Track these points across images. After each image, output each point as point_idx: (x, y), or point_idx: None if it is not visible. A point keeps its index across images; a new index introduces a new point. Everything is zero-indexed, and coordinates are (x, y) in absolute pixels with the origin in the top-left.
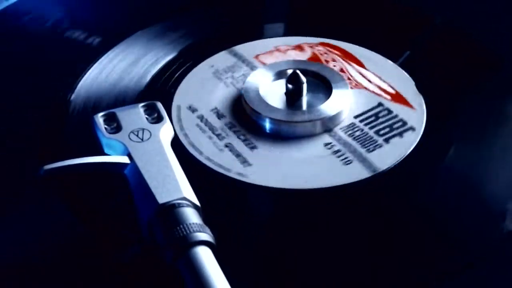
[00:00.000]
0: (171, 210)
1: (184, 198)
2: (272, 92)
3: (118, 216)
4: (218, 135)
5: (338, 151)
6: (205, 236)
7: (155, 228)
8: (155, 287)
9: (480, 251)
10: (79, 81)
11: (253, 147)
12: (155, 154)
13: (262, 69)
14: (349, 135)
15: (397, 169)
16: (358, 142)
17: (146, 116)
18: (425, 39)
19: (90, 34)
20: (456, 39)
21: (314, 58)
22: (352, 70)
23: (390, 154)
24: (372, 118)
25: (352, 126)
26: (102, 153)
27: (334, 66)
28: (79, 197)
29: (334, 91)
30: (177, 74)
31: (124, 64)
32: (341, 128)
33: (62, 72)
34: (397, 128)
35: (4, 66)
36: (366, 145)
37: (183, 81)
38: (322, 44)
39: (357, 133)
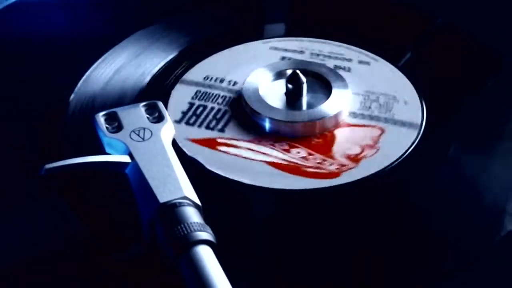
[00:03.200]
0: (172, 209)
1: (185, 197)
2: (272, 92)
3: (118, 216)
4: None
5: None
6: (206, 235)
7: (156, 227)
8: (155, 287)
9: (480, 251)
10: (79, 81)
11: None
12: (156, 154)
13: (262, 69)
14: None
15: (397, 169)
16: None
17: (147, 115)
18: (426, 40)
19: (90, 34)
20: (457, 40)
21: None
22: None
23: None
24: None
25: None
26: (103, 152)
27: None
28: (79, 197)
29: (334, 91)
30: (176, 74)
31: (124, 64)
32: None
33: (62, 72)
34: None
35: (4, 66)
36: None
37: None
38: None
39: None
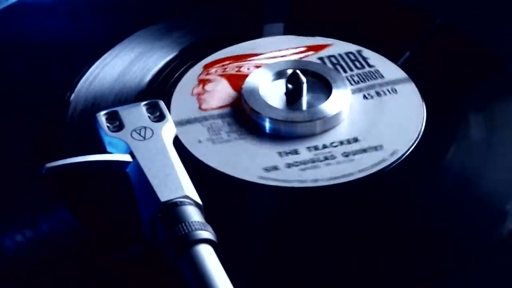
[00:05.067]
0: (173, 208)
1: (186, 196)
2: (272, 92)
3: (119, 216)
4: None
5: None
6: (207, 234)
7: (157, 226)
8: (155, 287)
9: (480, 250)
10: (79, 81)
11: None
12: (157, 153)
13: (262, 69)
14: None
15: (397, 169)
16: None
17: (148, 114)
18: (425, 39)
19: (91, 34)
20: (456, 39)
21: (230, 78)
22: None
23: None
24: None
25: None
26: (104, 151)
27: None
28: (80, 196)
29: (334, 91)
30: (177, 74)
31: (124, 64)
32: None
33: (62, 72)
34: (356, 58)
35: (4, 66)
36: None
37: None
38: (208, 66)
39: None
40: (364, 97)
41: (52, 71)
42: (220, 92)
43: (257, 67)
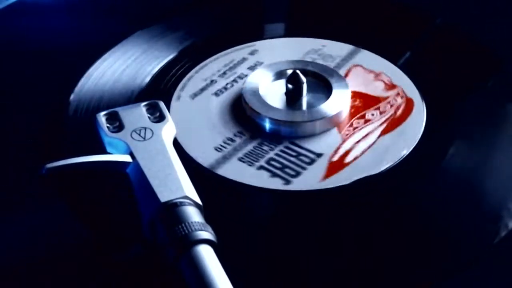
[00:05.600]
0: (173, 208)
1: (186, 197)
2: (272, 92)
3: (119, 216)
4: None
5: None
6: (207, 234)
7: (157, 227)
8: (155, 287)
9: (480, 251)
10: (79, 81)
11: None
12: (157, 153)
13: (262, 69)
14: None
15: (397, 169)
16: None
17: (148, 115)
18: (425, 40)
19: (90, 34)
20: (456, 39)
21: None
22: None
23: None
24: None
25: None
26: (104, 152)
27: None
28: (80, 196)
29: (334, 91)
30: (177, 74)
31: (124, 64)
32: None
33: (62, 72)
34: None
35: (4, 66)
36: None
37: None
38: None
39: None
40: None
41: (52, 71)
42: None
43: None
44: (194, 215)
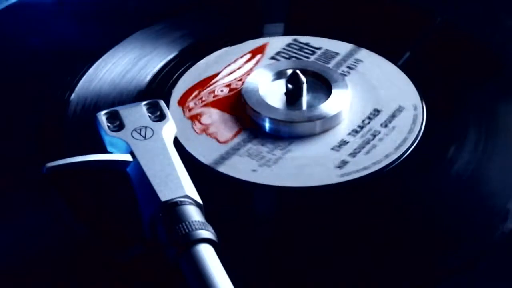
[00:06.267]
0: (174, 208)
1: (187, 196)
2: (272, 92)
3: (119, 216)
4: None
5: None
6: (207, 234)
7: (157, 226)
8: (156, 287)
9: (480, 250)
10: (79, 81)
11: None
12: (157, 152)
13: (261, 69)
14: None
15: (397, 169)
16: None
17: (149, 114)
18: (425, 40)
19: (91, 34)
20: (457, 39)
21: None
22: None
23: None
24: None
25: None
26: (104, 151)
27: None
28: (80, 196)
29: (334, 91)
30: (177, 74)
31: (124, 64)
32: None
33: (62, 72)
34: None
35: (4, 66)
36: None
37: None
38: (182, 101)
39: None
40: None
41: (52, 71)
42: (221, 122)
43: (228, 86)
44: (194, 214)
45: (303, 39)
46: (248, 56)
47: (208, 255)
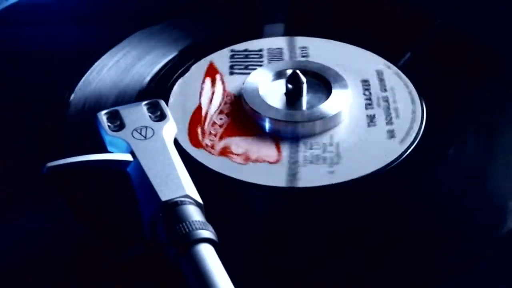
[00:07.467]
0: (174, 207)
1: (187, 196)
2: (272, 92)
3: (120, 215)
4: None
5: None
6: (208, 233)
7: (157, 226)
8: (156, 287)
9: (480, 250)
10: (79, 81)
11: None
12: (158, 152)
13: (262, 69)
14: None
15: (397, 169)
16: None
17: (149, 114)
18: (425, 40)
19: (91, 34)
20: (457, 40)
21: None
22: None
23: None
24: None
25: None
26: (105, 151)
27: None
28: (81, 195)
29: (334, 91)
30: (177, 74)
31: (124, 64)
32: None
33: (62, 72)
34: None
35: (4, 66)
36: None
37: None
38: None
39: None
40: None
41: (52, 71)
42: (252, 145)
43: (221, 112)
44: (194, 214)
45: (241, 46)
46: (209, 79)
47: (208, 255)
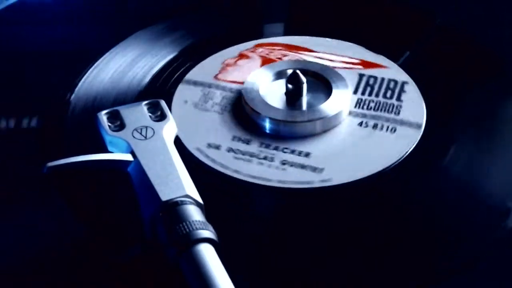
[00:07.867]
0: (174, 207)
1: (187, 196)
2: (272, 92)
3: (120, 215)
4: None
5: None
6: (208, 233)
7: (157, 226)
8: (156, 287)
9: (480, 250)
10: (79, 81)
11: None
12: (158, 152)
13: (262, 69)
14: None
15: (397, 169)
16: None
17: (150, 114)
18: (425, 40)
19: (91, 34)
20: (456, 40)
21: (266, 61)
22: (307, 57)
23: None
24: (368, 88)
25: (360, 101)
26: (105, 150)
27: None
28: (81, 195)
29: (334, 91)
30: (177, 74)
31: (124, 64)
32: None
33: (62, 72)
34: (394, 87)
35: (5, 66)
36: (389, 110)
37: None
38: (259, 45)
39: (372, 104)
40: (359, 124)
41: (52, 71)
42: (246, 69)
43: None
44: (195, 214)
45: (409, 87)
46: (355, 61)
47: (208, 255)
